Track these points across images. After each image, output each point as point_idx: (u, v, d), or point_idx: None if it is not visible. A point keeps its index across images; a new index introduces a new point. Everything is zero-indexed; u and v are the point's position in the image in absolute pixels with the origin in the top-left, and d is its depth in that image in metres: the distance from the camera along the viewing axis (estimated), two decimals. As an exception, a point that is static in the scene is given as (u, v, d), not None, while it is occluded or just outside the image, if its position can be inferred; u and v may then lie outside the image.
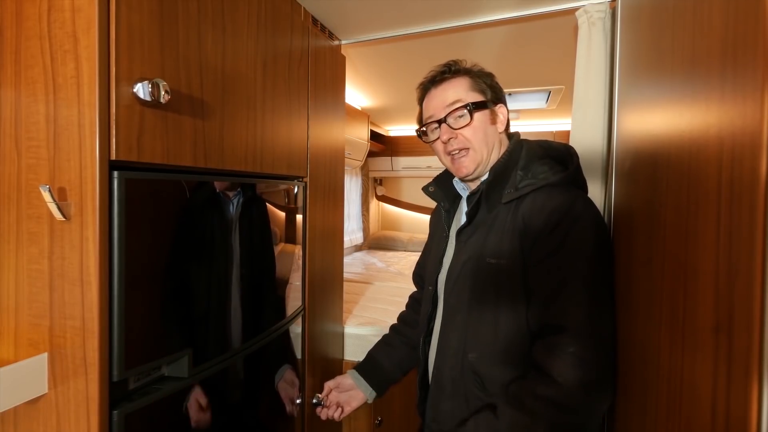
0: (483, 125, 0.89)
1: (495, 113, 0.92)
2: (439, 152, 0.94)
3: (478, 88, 0.90)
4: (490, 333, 0.82)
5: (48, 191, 0.60)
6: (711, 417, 0.40)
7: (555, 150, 0.91)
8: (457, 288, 0.88)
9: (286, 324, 1.16)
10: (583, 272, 0.75)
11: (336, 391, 1.12)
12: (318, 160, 1.33)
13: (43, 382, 0.66)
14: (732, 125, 0.38)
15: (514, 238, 0.81)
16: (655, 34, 0.65)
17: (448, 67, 0.93)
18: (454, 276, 0.89)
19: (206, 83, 0.81)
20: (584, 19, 1.10)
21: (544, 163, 0.86)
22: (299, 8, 1.23)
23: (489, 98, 0.91)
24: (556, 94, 2.54)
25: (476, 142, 0.88)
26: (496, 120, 0.92)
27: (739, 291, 0.35)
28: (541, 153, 0.89)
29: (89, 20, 0.61)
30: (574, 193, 0.82)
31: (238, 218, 0.93)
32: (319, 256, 1.36)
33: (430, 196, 1.02)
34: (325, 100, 1.36)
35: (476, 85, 0.91)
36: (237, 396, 0.96)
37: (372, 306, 1.96)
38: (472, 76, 0.91)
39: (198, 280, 0.82)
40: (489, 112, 0.90)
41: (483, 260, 0.84)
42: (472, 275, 0.85)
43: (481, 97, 0.90)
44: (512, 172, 0.87)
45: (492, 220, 0.86)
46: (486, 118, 0.90)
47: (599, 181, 1.05)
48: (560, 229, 0.77)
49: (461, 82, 0.91)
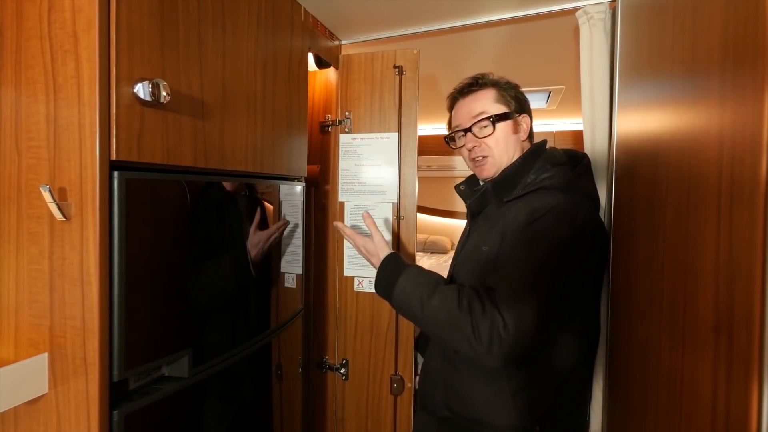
0: (505, 134, 0.98)
1: (518, 123, 1.00)
2: (464, 157, 1.05)
3: (503, 100, 1.00)
4: None
5: (48, 191, 0.60)
6: (711, 417, 0.40)
7: (575, 158, 0.98)
8: (461, 271, 1.00)
9: (286, 324, 1.16)
10: (537, 254, 0.81)
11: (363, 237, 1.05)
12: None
13: (43, 382, 0.66)
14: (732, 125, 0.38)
15: (504, 230, 0.89)
16: (655, 34, 0.65)
17: (476, 79, 1.03)
18: (462, 261, 1.02)
19: (206, 83, 0.81)
20: (585, 20, 1.10)
21: (557, 169, 0.93)
22: (299, 8, 1.23)
23: (513, 109, 1.00)
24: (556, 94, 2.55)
25: (497, 150, 0.98)
26: (519, 129, 1.00)
27: (739, 291, 0.36)
28: (563, 160, 0.97)
29: (89, 20, 0.61)
30: (566, 196, 0.88)
31: (238, 218, 0.93)
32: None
33: (459, 194, 1.12)
34: (325, 100, 1.36)
35: (501, 97, 1.00)
36: (237, 396, 0.96)
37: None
38: (498, 89, 1.01)
39: (198, 280, 0.82)
40: (512, 122, 0.99)
41: (479, 248, 0.94)
42: (470, 260, 0.97)
43: (505, 109, 0.99)
44: (524, 176, 0.95)
45: (499, 215, 0.94)
46: (508, 128, 0.98)
47: (604, 182, 1.06)
48: (536, 223, 0.84)
49: (487, 94, 1.00)
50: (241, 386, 0.98)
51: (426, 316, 0.83)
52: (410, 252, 1.38)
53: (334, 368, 1.46)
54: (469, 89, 1.03)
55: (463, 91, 1.04)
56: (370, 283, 1.42)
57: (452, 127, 1.06)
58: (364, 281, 1.43)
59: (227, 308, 0.91)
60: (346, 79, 1.44)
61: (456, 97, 1.06)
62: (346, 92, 1.44)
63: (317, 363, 1.49)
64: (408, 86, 1.38)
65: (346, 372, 1.43)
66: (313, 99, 1.51)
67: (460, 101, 1.04)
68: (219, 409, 0.90)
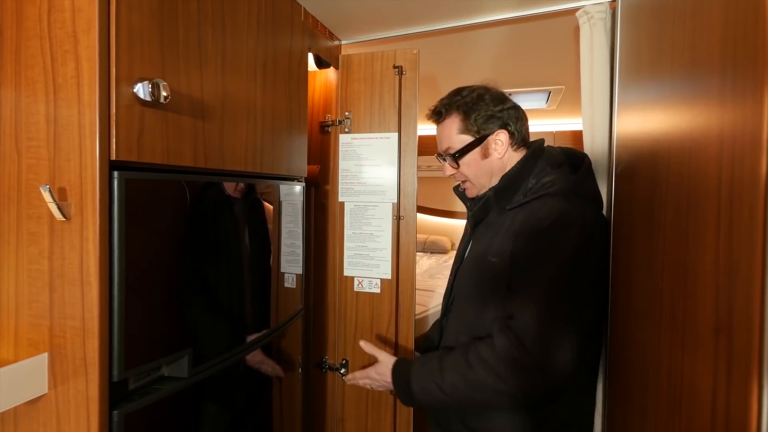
0: (475, 162, 0.97)
1: (487, 146, 0.96)
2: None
3: (468, 128, 0.96)
4: (479, 323, 0.89)
5: (48, 191, 0.60)
6: (711, 417, 0.40)
7: (574, 157, 0.96)
8: (465, 280, 0.98)
9: (286, 324, 1.16)
10: (551, 275, 0.80)
11: (371, 368, 1.04)
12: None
13: (43, 382, 0.66)
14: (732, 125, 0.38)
15: (509, 239, 0.87)
16: (655, 34, 0.65)
17: (443, 106, 0.99)
18: (463, 270, 1.00)
19: (206, 83, 0.81)
20: (585, 20, 1.10)
21: (557, 172, 0.91)
22: (299, 8, 1.23)
23: (481, 134, 0.95)
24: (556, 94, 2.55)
25: (472, 176, 0.98)
26: (489, 152, 0.96)
27: (739, 291, 0.35)
28: (561, 160, 0.95)
29: (89, 20, 0.61)
30: (571, 203, 0.86)
31: (238, 219, 0.93)
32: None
33: (459, 196, 1.11)
34: (325, 100, 1.36)
35: (465, 126, 0.96)
36: (236, 396, 0.96)
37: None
38: (463, 115, 0.96)
39: (198, 280, 0.82)
40: (479, 149, 0.96)
41: (485, 258, 0.91)
42: (475, 270, 0.95)
43: (469, 138, 0.96)
44: (525, 180, 0.93)
45: (501, 222, 0.92)
46: (477, 156, 0.97)
47: (604, 182, 1.06)
48: (545, 234, 0.82)
49: (452, 124, 0.98)
50: (241, 386, 0.98)
51: (453, 396, 0.82)
52: (410, 251, 1.38)
53: (334, 368, 1.46)
54: (437, 118, 1.02)
55: (432, 118, 1.03)
56: (370, 282, 1.42)
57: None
58: (363, 281, 1.43)
59: (227, 308, 0.91)
60: (346, 79, 1.44)
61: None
62: (346, 92, 1.44)
63: (317, 363, 1.49)
64: (408, 86, 1.38)
65: (346, 372, 1.43)
66: (313, 99, 1.51)
67: (436, 127, 1.03)
68: (219, 409, 0.90)
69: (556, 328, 0.78)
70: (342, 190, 1.45)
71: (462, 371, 0.81)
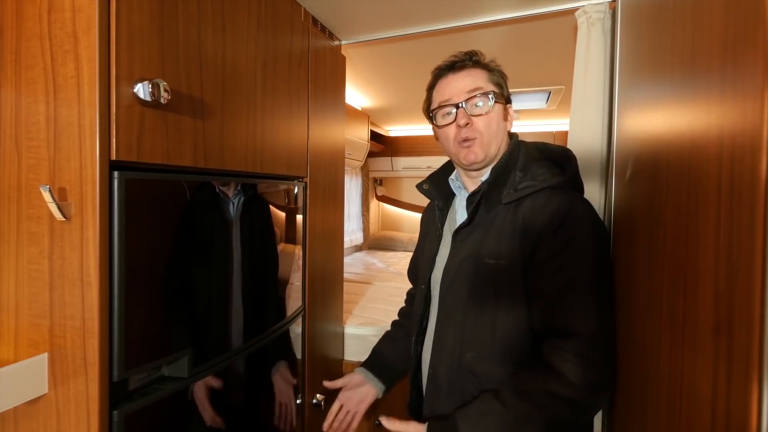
0: (498, 118, 0.89)
1: (507, 111, 0.93)
2: (449, 138, 0.91)
3: (496, 83, 0.91)
4: (488, 333, 0.82)
5: (48, 191, 0.60)
6: (711, 417, 0.40)
7: (552, 152, 0.92)
8: (453, 288, 0.88)
9: (286, 324, 1.16)
10: (588, 274, 0.77)
11: (346, 389, 1.08)
12: (318, 161, 1.33)
13: (43, 382, 0.66)
14: (732, 125, 0.38)
15: (514, 239, 0.82)
16: (655, 34, 0.65)
17: (469, 56, 0.92)
18: (450, 275, 0.89)
19: (206, 83, 0.81)
20: (584, 20, 1.10)
21: (543, 165, 0.87)
22: (299, 8, 1.23)
23: (505, 95, 0.93)
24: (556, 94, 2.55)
25: (487, 133, 0.88)
26: (507, 117, 0.93)
27: (739, 291, 0.35)
28: (537, 155, 0.90)
29: (89, 20, 0.61)
30: (573, 196, 0.84)
31: (239, 219, 0.93)
32: (319, 257, 1.36)
33: (424, 194, 1.03)
34: (325, 100, 1.36)
35: (494, 79, 0.92)
36: (237, 396, 0.96)
37: (372, 306, 1.96)
38: (491, 72, 0.92)
39: (198, 280, 0.82)
40: (503, 107, 0.92)
41: (481, 260, 0.84)
42: (469, 275, 0.85)
43: (499, 91, 0.91)
44: (511, 173, 0.88)
45: (490, 220, 0.86)
46: (501, 112, 0.91)
47: (598, 182, 1.05)
48: (563, 230, 0.78)
49: (481, 73, 0.91)
50: (241, 386, 0.98)
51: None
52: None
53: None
54: (462, 64, 0.91)
55: (455, 65, 0.92)
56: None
57: (439, 102, 0.92)
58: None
59: (227, 308, 0.91)
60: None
61: (444, 71, 0.93)
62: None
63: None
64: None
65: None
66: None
67: (449, 76, 0.92)
68: (219, 409, 0.90)
69: (611, 337, 0.76)
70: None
71: (540, 421, 0.72)
